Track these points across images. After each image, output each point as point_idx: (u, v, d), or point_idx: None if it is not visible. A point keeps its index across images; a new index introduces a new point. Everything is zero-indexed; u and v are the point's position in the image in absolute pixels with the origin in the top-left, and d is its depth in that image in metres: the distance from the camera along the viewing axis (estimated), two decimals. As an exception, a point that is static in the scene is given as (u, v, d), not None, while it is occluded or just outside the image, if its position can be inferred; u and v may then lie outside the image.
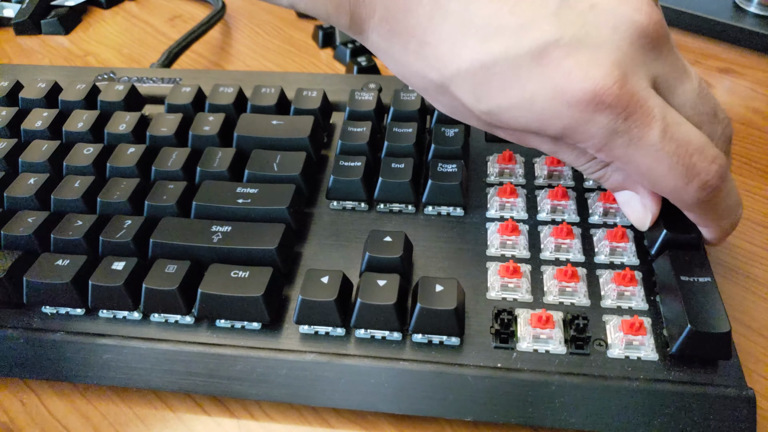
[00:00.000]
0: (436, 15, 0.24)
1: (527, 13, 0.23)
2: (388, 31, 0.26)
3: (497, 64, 0.24)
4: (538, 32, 0.23)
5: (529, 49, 0.23)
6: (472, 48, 0.24)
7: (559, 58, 0.23)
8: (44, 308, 0.30)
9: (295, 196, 0.31)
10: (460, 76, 0.25)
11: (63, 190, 0.33)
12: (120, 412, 0.28)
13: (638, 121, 0.23)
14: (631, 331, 0.26)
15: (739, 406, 0.25)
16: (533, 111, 0.24)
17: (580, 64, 0.23)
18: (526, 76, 0.23)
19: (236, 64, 0.52)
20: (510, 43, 0.23)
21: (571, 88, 0.23)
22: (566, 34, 0.23)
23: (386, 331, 0.27)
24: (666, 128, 0.24)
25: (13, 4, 0.59)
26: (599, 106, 0.23)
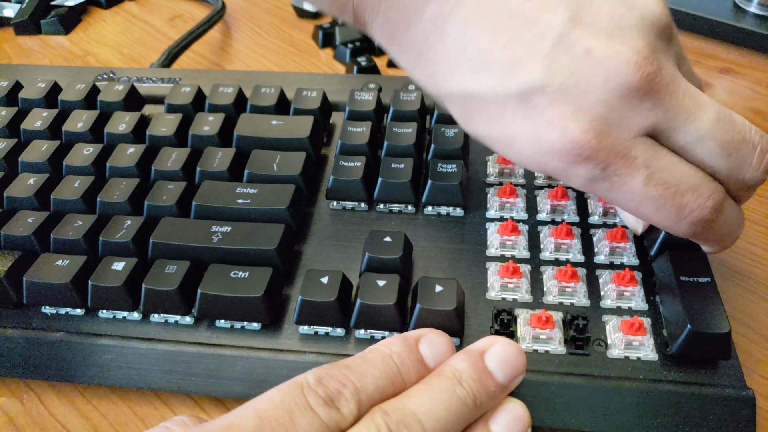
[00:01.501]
0: (435, 34, 0.24)
1: (520, 50, 0.23)
2: (389, 37, 0.26)
3: (484, 98, 0.24)
4: (526, 74, 0.23)
5: (515, 91, 0.23)
6: (464, 76, 0.24)
7: (544, 105, 0.23)
8: (44, 308, 0.30)
9: (294, 196, 0.31)
10: (452, 97, 0.25)
11: (63, 190, 0.33)
12: (120, 412, 0.28)
13: (619, 171, 0.23)
14: (631, 331, 0.26)
15: (739, 406, 0.25)
16: (514, 149, 0.24)
17: (562, 116, 0.23)
18: (510, 115, 0.24)
19: (236, 64, 0.52)
20: (498, 81, 0.23)
21: (549, 139, 0.23)
22: (554, 81, 0.23)
23: (386, 332, 0.27)
24: (651, 175, 0.23)
25: (13, 4, 0.59)
26: (576, 158, 0.23)
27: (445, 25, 0.24)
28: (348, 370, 0.22)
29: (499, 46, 0.23)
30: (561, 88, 0.23)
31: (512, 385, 0.23)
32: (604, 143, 0.23)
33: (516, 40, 0.23)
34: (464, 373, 0.23)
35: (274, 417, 0.20)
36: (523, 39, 0.23)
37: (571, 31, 0.23)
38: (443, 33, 0.24)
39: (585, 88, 0.22)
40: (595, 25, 0.23)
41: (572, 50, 0.23)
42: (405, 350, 0.23)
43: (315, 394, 0.21)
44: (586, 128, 0.22)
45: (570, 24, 0.23)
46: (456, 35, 0.24)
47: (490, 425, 0.23)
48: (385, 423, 0.20)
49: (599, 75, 0.22)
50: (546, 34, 0.23)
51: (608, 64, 0.22)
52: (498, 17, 0.23)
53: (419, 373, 0.23)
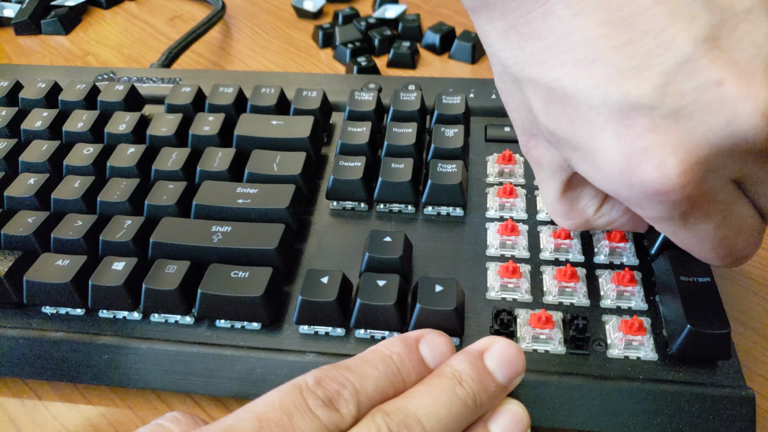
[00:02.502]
0: (539, 8, 0.21)
1: (637, 58, 0.19)
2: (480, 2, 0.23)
3: (576, 97, 0.21)
4: (636, 87, 0.19)
5: (616, 101, 0.20)
6: (559, 66, 0.21)
7: (644, 128, 0.20)
8: (44, 308, 0.30)
9: (294, 196, 0.31)
10: (536, 84, 0.22)
11: (63, 190, 0.33)
12: (120, 412, 0.28)
13: (695, 217, 0.21)
14: (631, 331, 0.26)
15: (738, 406, 0.25)
16: (592, 162, 0.22)
17: (662, 146, 0.19)
18: (600, 125, 0.20)
19: (236, 64, 0.52)
20: (599, 83, 0.20)
21: (639, 168, 0.20)
22: (666, 105, 0.19)
23: (386, 332, 0.27)
24: (723, 222, 0.21)
25: (13, 4, 0.59)
26: (662, 197, 0.20)
27: (552, 2, 0.21)
28: (347, 371, 0.22)
29: (611, 45, 0.20)
30: (671, 115, 0.19)
31: (512, 385, 0.23)
32: (698, 191, 0.20)
33: (634, 45, 0.20)
34: (464, 373, 0.23)
35: (273, 419, 0.20)
36: (643, 46, 0.19)
37: (703, 55, 0.19)
38: (549, 11, 0.21)
39: (699, 124, 0.19)
40: (734, 55, 0.19)
41: (699, 77, 0.19)
42: (405, 351, 0.23)
43: (314, 395, 0.21)
44: (686, 170, 0.19)
45: (705, 45, 0.19)
46: (563, 17, 0.21)
47: (490, 426, 0.23)
48: (385, 424, 0.20)
49: (723, 115, 0.19)
50: (673, 48, 0.19)
51: (738, 105, 0.19)
52: (620, 12, 0.20)
53: (419, 373, 0.23)
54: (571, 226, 0.27)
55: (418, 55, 0.51)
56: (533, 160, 0.26)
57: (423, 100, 0.37)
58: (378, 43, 0.51)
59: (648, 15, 0.19)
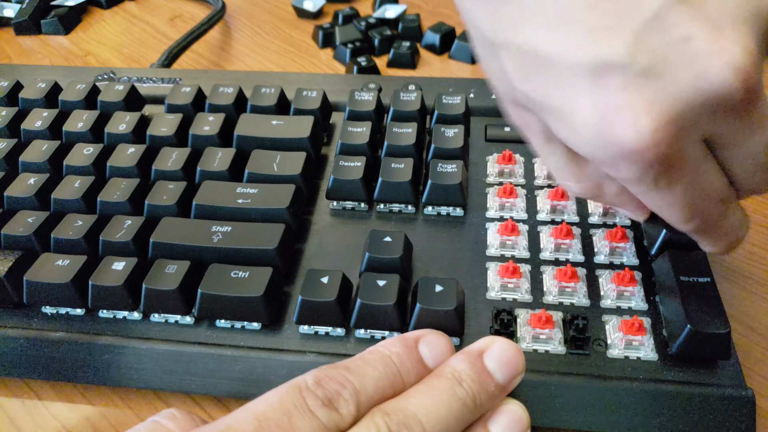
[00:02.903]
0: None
1: (608, 16, 0.20)
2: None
3: (549, 58, 0.21)
4: (607, 46, 0.19)
5: (589, 61, 0.20)
6: (532, 28, 0.21)
7: (617, 86, 0.20)
8: (44, 308, 0.30)
9: (295, 196, 0.31)
10: (510, 48, 0.22)
11: (63, 190, 0.33)
12: (120, 412, 0.28)
13: (667, 178, 0.21)
14: (631, 331, 0.26)
15: (738, 406, 0.25)
16: (568, 123, 0.21)
17: (635, 105, 0.19)
18: (574, 86, 0.20)
19: (236, 64, 0.52)
20: (572, 44, 0.20)
21: (613, 126, 0.20)
22: (638, 63, 0.19)
23: (386, 331, 0.27)
24: (692, 183, 0.21)
25: (13, 4, 0.59)
26: (635, 156, 0.20)
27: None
28: (347, 371, 0.22)
29: (582, 5, 0.20)
30: (643, 73, 0.19)
31: (512, 385, 0.23)
32: (671, 149, 0.20)
33: (605, 4, 0.20)
34: (464, 373, 0.23)
35: (272, 419, 0.20)
36: (615, 4, 0.20)
37: (672, 10, 0.19)
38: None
39: (670, 81, 0.19)
40: (702, 9, 0.19)
41: (668, 32, 0.19)
42: (404, 351, 0.23)
43: (313, 395, 0.21)
44: (659, 128, 0.19)
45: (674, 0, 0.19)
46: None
47: (490, 426, 0.23)
48: (385, 424, 0.20)
49: (692, 70, 0.19)
50: (643, 5, 0.19)
51: (707, 60, 0.19)
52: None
53: (419, 373, 0.23)
54: (582, 190, 0.25)
55: (418, 55, 0.51)
56: (522, 127, 0.25)
57: (423, 100, 0.37)
58: (378, 43, 0.51)
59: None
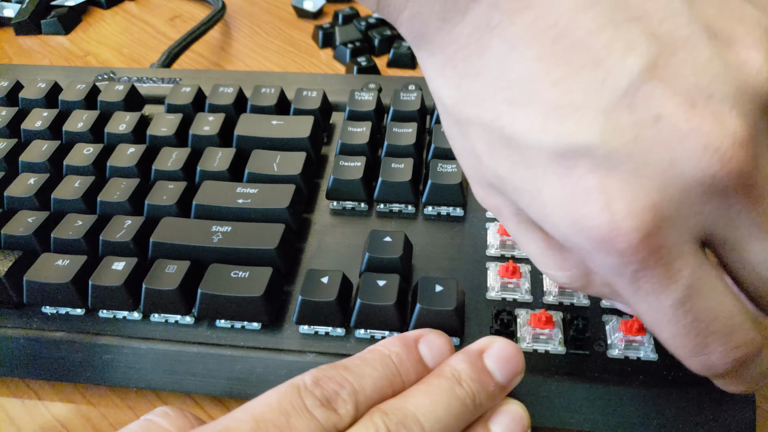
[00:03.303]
0: (474, 44, 0.20)
1: (573, 93, 0.18)
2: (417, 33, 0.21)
3: (514, 139, 0.19)
4: (573, 126, 0.18)
5: (553, 143, 0.18)
6: (496, 105, 0.20)
7: (585, 169, 0.18)
8: (44, 308, 0.30)
9: (295, 196, 0.31)
10: (475, 124, 0.21)
11: (63, 190, 0.33)
12: (120, 412, 0.28)
13: (652, 280, 0.19)
14: (631, 331, 0.26)
15: (738, 406, 0.25)
16: (537, 204, 0.20)
17: (605, 190, 0.18)
18: (542, 166, 0.19)
19: (236, 64, 0.52)
20: (536, 123, 0.19)
21: (582, 210, 0.18)
22: (606, 145, 0.18)
23: (386, 331, 0.27)
24: (686, 298, 0.19)
25: (13, 4, 0.59)
26: (606, 246, 0.18)
27: (488, 37, 0.19)
28: (346, 371, 0.22)
29: (547, 82, 0.18)
30: (612, 156, 0.18)
31: (511, 384, 0.23)
32: (648, 242, 0.18)
33: (571, 80, 0.18)
34: (463, 372, 0.23)
35: (270, 419, 0.20)
36: (580, 80, 0.18)
37: (642, 85, 0.17)
38: (484, 46, 0.20)
39: (642, 165, 0.18)
40: (675, 83, 0.17)
41: (638, 111, 0.18)
42: (404, 350, 0.23)
43: (312, 395, 0.21)
44: (635, 213, 0.18)
45: (644, 74, 0.17)
46: (498, 54, 0.19)
47: (490, 426, 0.23)
48: (384, 423, 0.20)
49: (665, 154, 0.17)
50: (610, 81, 0.18)
51: (681, 142, 0.17)
52: (555, 45, 0.18)
53: (418, 373, 0.23)
54: (567, 279, 0.22)
55: (418, 55, 0.51)
56: (494, 211, 0.23)
57: (423, 100, 0.37)
58: (378, 43, 0.51)
59: (584, 47, 0.18)
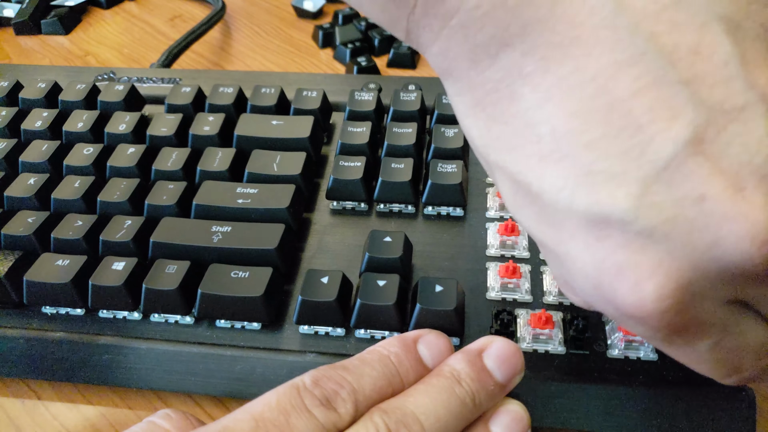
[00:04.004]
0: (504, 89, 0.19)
1: (609, 161, 0.17)
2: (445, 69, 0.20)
3: (542, 197, 0.18)
4: (608, 197, 0.17)
5: (585, 210, 0.17)
6: (524, 158, 0.18)
7: (617, 244, 0.17)
8: (44, 308, 0.30)
9: (295, 196, 0.31)
10: (502, 172, 0.20)
11: (63, 190, 0.33)
12: (120, 412, 0.28)
13: (683, 340, 0.18)
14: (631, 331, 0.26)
15: (738, 406, 0.25)
16: (562, 267, 0.19)
17: (637, 267, 0.17)
18: (570, 230, 0.18)
19: (236, 64, 0.52)
20: (566, 185, 0.17)
21: (612, 287, 0.18)
22: (642, 221, 0.16)
23: (386, 331, 0.27)
24: (718, 342, 0.19)
25: (13, 4, 0.59)
26: (635, 320, 0.18)
27: (520, 84, 0.18)
28: (345, 371, 0.22)
29: (581, 142, 0.17)
30: (648, 233, 0.17)
31: (511, 384, 0.23)
32: (678, 318, 0.17)
33: (607, 143, 0.17)
34: (463, 372, 0.23)
35: (269, 419, 0.20)
36: (618, 145, 0.17)
37: (686, 160, 0.16)
38: (515, 93, 0.18)
39: (680, 246, 0.16)
40: (722, 161, 0.16)
41: (679, 188, 0.16)
42: (403, 351, 0.23)
43: (311, 395, 0.21)
44: (665, 296, 0.17)
45: (687, 150, 0.16)
46: (530, 104, 0.18)
47: (490, 426, 0.23)
48: (384, 423, 0.20)
49: (705, 237, 0.16)
50: (652, 151, 0.16)
51: (724, 227, 0.16)
52: (593, 102, 0.17)
53: (418, 373, 0.23)
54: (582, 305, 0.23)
55: (418, 55, 0.51)
56: None
57: (423, 100, 0.37)
58: (378, 43, 0.51)
59: (625, 108, 0.17)
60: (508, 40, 0.18)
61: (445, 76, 0.21)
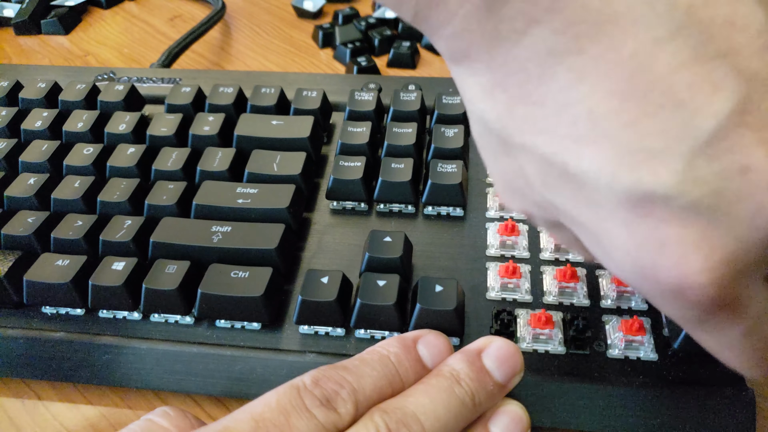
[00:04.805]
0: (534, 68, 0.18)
1: (650, 138, 0.16)
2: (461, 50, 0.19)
3: (579, 177, 0.18)
4: (650, 175, 0.16)
5: (626, 189, 0.17)
6: (558, 140, 0.18)
7: (660, 220, 0.17)
8: (44, 308, 0.30)
9: (294, 196, 0.31)
10: (530, 154, 0.19)
11: (63, 190, 0.33)
12: (120, 412, 0.28)
13: (719, 320, 0.18)
14: (631, 331, 0.26)
15: (738, 406, 0.25)
16: (599, 247, 0.19)
17: (682, 241, 0.17)
18: (609, 210, 0.18)
19: (236, 64, 0.52)
20: (606, 165, 0.17)
21: (655, 263, 0.17)
22: (686, 196, 0.16)
23: (386, 331, 0.27)
24: (754, 327, 0.19)
25: (13, 4, 0.59)
26: (679, 297, 0.17)
27: (551, 64, 0.17)
28: (345, 371, 0.22)
29: (621, 121, 0.17)
30: (692, 207, 0.16)
31: (510, 384, 0.23)
32: (721, 293, 0.17)
33: (647, 122, 0.16)
34: (462, 372, 0.23)
35: (269, 419, 0.20)
36: (659, 122, 0.16)
37: (729, 132, 0.16)
38: (545, 73, 0.18)
39: (724, 218, 0.16)
40: (764, 132, 0.16)
41: (723, 160, 0.16)
42: (403, 351, 0.23)
43: (311, 395, 0.21)
44: (712, 268, 0.17)
45: (731, 120, 0.16)
46: (563, 83, 0.17)
47: (490, 426, 0.23)
48: (384, 422, 0.20)
49: (750, 207, 0.16)
50: (692, 127, 0.16)
51: None
52: (631, 81, 0.16)
53: (417, 373, 0.23)
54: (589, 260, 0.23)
55: (418, 55, 0.51)
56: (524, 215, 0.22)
57: (423, 100, 0.37)
58: (378, 43, 0.51)
59: (664, 86, 0.16)
60: (537, 16, 0.17)
61: (459, 59, 0.19)
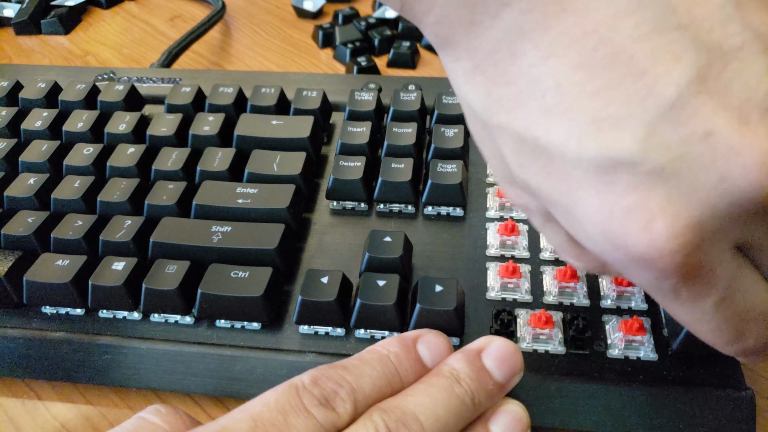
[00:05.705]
0: (505, 49, 0.19)
1: (615, 105, 0.17)
2: (443, 37, 0.20)
3: (549, 150, 0.18)
4: (614, 140, 0.17)
5: (593, 156, 0.17)
6: (529, 114, 0.19)
7: (626, 185, 0.17)
8: (44, 308, 0.30)
9: (294, 196, 0.31)
10: (506, 133, 0.20)
11: (63, 190, 0.33)
12: (120, 412, 0.28)
13: (690, 290, 0.18)
14: (631, 331, 0.26)
15: (738, 406, 0.25)
16: (571, 218, 0.19)
17: (646, 207, 0.17)
18: (578, 180, 0.18)
19: (236, 64, 0.52)
20: (573, 135, 0.18)
21: (621, 229, 0.17)
22: (649, 161, 0.17)
23: (386, 331, 0.27)
24: (725, 298, 0.19)
25: (13, 4, 0.59)
26: (646, 263, 0.18)
27: (521, 42, 0.18)
28: (344, 371, 0.22)
29: (586, 92, 0.17)
30: (656, 172, 0.17)
31: (510, 384, 0.23)
32: (689, 259, 0.17)
33: (612, 90, 0.17)
34: (462, 372, 0.23)
35: (268, 419, 0.20)
36: (623, 91, 0.17)
37: (691, 99, 0.16)
38: (516, 51, 0.18)
39: (688, 182, 0.17)
40: (725, 97, 0.16)
41: (685, 126, 0.16)
42: (402, 350, 0.23)
43: (310, 394, 0.21)
44: (677, 233, 0.17)
45: (692, 87, 0.16)
46: (532, 60, 0.18)
47: (490, 426, 0.23)
48: (383, 422, 0.20)
49: (714, 171, 0.16)
50: (656, 93, 0.17)
51: (732, 160, 0.16)
52: (595, 53, 0.17)
53: (417, 373, 0.23)
54: (586, 268, 0.23)
55: (418, 55, 0.51)
56: (521, 208, 0.23)
57: (423, 100, 0.37)
58: (378, 43, 0.51)
59: (626, 56, 0.17)
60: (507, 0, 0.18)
61: (443, 46, 0.21)
